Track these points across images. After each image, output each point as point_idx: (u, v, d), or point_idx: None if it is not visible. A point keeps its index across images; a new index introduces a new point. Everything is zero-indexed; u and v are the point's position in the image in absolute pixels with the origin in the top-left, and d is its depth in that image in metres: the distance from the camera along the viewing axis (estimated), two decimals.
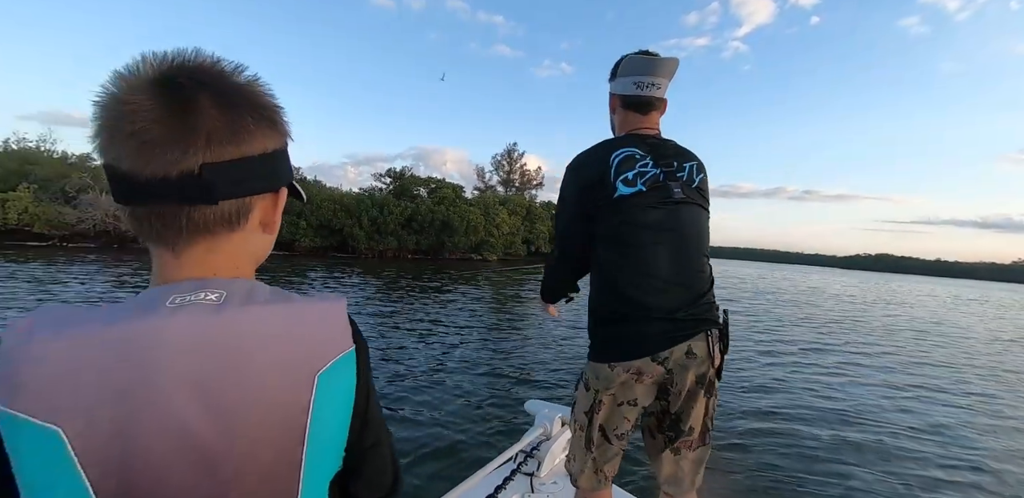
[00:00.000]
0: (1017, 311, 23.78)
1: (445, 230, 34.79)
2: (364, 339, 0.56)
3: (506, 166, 56.16)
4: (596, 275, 1.40)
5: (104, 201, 29.07)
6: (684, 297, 1.28)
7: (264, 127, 0.54)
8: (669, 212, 1.31)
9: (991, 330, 14.26)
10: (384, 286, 14.61)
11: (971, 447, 4.46)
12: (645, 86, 1.39)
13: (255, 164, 0.53)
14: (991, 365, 8.42)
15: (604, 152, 1.34)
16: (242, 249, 0.59)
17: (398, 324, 8.16)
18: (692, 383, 1.30)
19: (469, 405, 4.80)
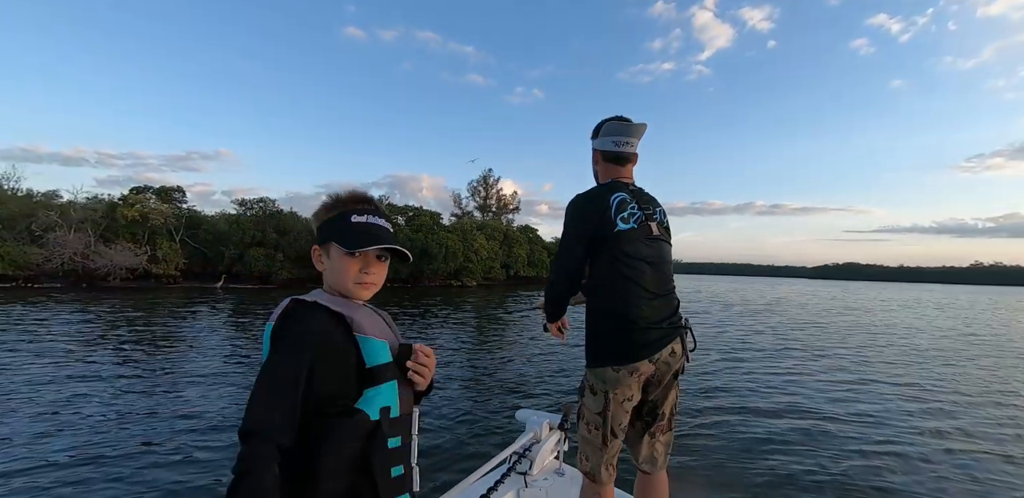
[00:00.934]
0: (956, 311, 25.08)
1: (424, 257, 35.02)
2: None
3: (482, 192, 56.97)
4: (597, 295, 1.70)
5: (73, 239, 28.60)
6: (666, 310, 1.66)
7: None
8: (651, 246, 1.68)
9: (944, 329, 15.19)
10: None
11: (894, 426, 5.14)
12: (622, 144, 1.79)
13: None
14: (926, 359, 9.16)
15: (605, 194, 1.71)
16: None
17: None
18: (669, 378, 1.68)
19: (462, 417, 5.23)
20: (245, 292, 26.33)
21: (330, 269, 1.04)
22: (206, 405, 5.22)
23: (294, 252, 33.04)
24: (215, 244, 32.62)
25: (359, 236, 1.01)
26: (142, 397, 5.48)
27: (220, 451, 4.03)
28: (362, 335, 0.96)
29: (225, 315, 14.14)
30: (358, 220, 1.03)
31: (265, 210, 35.32)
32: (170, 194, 34.10)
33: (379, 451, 0.93)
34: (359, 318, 0.97)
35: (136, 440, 4.22)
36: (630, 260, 1.64)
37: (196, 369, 6.82)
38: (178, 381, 6.22)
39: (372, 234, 1.02)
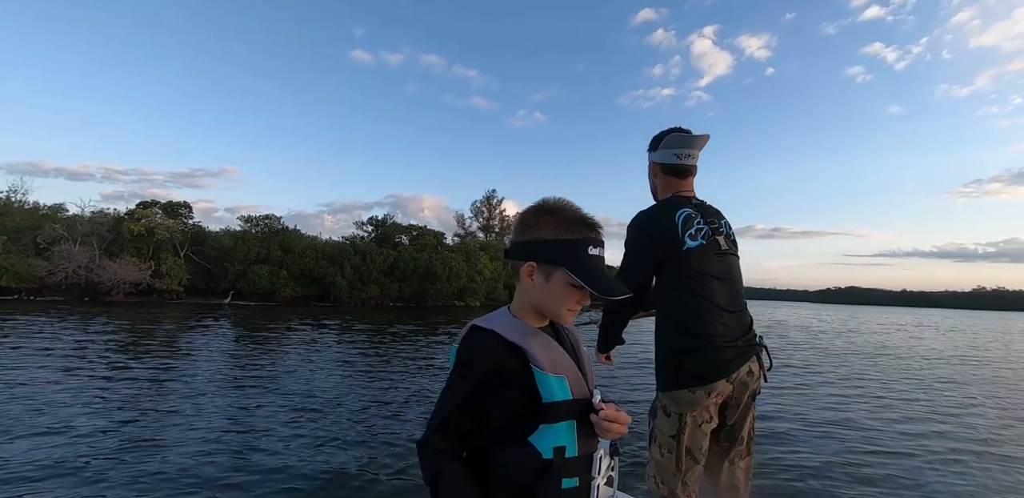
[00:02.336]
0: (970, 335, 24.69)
1: (428, 277, 34.93)
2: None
3: (485, 212, 57.23)
4: (669, 315, 1.63)
5: (78, 253, 28.63)
6: (740, 327, 1.60)
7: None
8: (721, 261, 1.63)
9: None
10: (371, 334, 14.67)
11: (874, 439, 4.94)
12: (683, 156, 1.71)
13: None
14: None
15: (670, 211, 1.65)
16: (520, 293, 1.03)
17: (392, 370, 8.33)
18: (747, 398, 1.58)
19: None
20: (250, 309, 26.14)
21: (544, 291, 0.96)
22: (204, 427, 5.06)
23: (298, 269, 33.00)
24: (220, 260, 32.61)
25: (596, 273, 0.94)
26: (141, 420, 5.33)
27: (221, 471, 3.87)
28: (537, 369, 0.90)
29: (234, 332, 13.99)
30: (594, 253, 0.95)
31: (270, 227, 35.42)
32: (177, 210, 34.28)
33: (550, 491, 0.89)
34: (535, 350, 0.92)
35: (125, 471, 4.05)
36: (701, 277, 1.58)
37: (197, 390, 6.68)
38: (179, 403, 6.07)
39: (603, 272, 0.97)
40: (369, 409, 6.23)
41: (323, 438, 5.00)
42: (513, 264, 1.00)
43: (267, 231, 34.99)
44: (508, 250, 1.02)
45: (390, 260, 34.48)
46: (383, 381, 7.99)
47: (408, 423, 5.64)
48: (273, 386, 7.31)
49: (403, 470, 4.24)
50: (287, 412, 5.93)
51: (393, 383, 7.85)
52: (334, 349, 11.63)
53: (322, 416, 5.80)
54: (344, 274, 33.00)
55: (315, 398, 6.63)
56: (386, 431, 5.33)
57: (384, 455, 4.59)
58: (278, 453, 4.52)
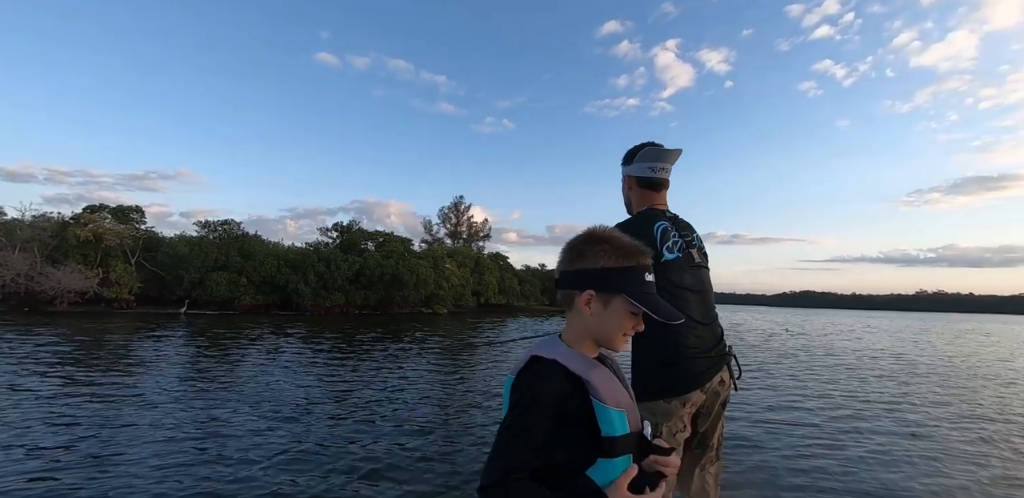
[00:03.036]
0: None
1: (394, 284, 34.44)
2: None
3: (453, 218, 56.97)
4: (644, 327, 1.72)
5: (17, 260, 26.89)
6: (712, 339, 1.64)
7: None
8: (694, 274, 1.67)
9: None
10: (337, 343, 14.27)
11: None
12: (658, 170, 1.76)
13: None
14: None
15: (648, 224, 1.68)
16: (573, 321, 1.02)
17: (361, 381, 8.11)
18: (718, 407, 1.63)
19: (463, 457, 4.99)
20: (207, 318, 25.07)
21: (602, 319, 0.96)
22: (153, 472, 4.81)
23: (259, 277, 31.94)
24: (174, 267, 31.24)
25: (654, 298, 0.97)
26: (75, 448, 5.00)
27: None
28: (599, 402, 0.90)
29: (191, 343, 13.35)
30: (649, 279, 0.97)
31: (229, 232, 34.19)
32: (127, 214, 32.71)
33: None
34: (598, 383, 0.91)
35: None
36: (676, 290, 1.61)
37: (154, 402, 6.33)
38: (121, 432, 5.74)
39: (658, 296, 0.99)
40: (337, 421, 6.05)
41: (287, 452, 4.81)
42: (566, 293, 0.99)
43: (226, 237, 33.75)
44: (559, 280, 1.02)
45: (355, 267, 33.83)
46: (350, 391, 7.78)
47: (382, 438, 5.49)
48: (235, 398, 7.00)
49: (375, 483, 4.13)
50: (251, 424, 5.69)
51: (361, 393, 7.65)
52: (298, 359, 11.26)
53: (287, 428, 5.59)
54: (308, 281, 32.16)
55: (279, 410, 6.39)
56: (356, 445, 5.18)
57: (353, 471, 4.45)
58: (240, 469, 4.32)
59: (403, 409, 7.02)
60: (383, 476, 4.44)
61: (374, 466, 4.63)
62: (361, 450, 5.11)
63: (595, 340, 0.99)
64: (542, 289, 51.65)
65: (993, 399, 8.52)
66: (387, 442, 5.44)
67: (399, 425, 6.13)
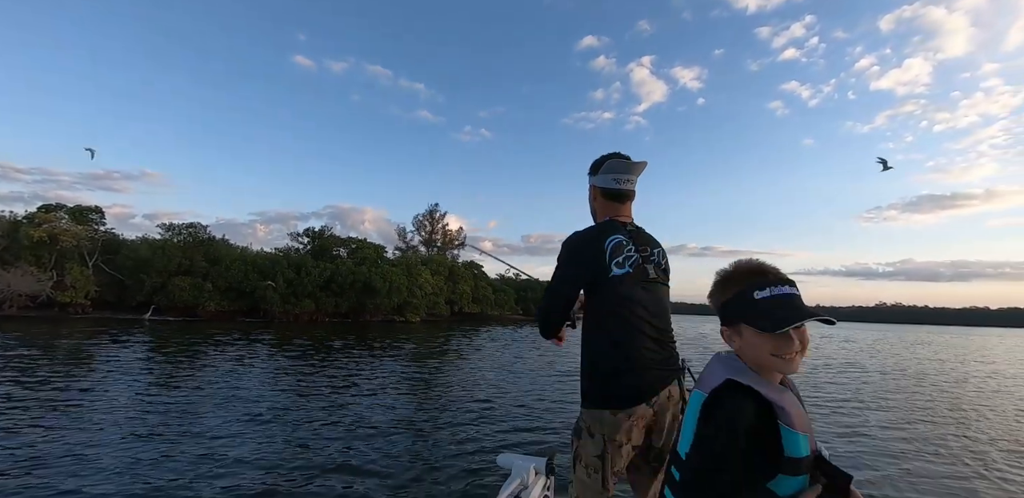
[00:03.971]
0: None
1: (366, 291, 33.87)
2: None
3: (428, 226, 56.47)
4: (595, 336, 1.67)
5: None
6: (662, 352, 1.63)
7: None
8: (648, 289, 1.65)
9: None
10: (306, 352, 13.85)
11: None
12: (622, 181, 1.76)
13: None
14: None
15: (599, 237, 1.67)
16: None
17: (331, 391, 7.87)
18: (671, 421, 1.62)
19: (438, 465, 4.93)
20: (170, 325, 24.12)
21: (747, 348, 1.01)
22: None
23: (225, 283, 30.97)
24: (135, 271, 30.05)
25: (769, 312, 0.97)
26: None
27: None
28: (787, 427, 0.95)
29: (153, 350, 12.74)
30: (760, 296, 0.98)
31: (195, 236, 33.08)
32: (86, 215, 31.36)
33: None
34: (787, 407, 0.96)
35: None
36: (625, 303, 1.61)
37: (113, 412, 5.99)
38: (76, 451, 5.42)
39: (779, 306, 0.97)
40: (302, 430, 5.84)
41: (249, 466, 4.61)
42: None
43: (191, 240, 32.64)
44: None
45: (327, 273, 33.17)
46: (317, 400, 7.54)
47: (347, 447, 5.32)
48: (199, 407, 6.70)
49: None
50: (214, 435, 5.44)
51: (331, 404, 7.43)
52: (265, 368, 10.90)
53: (252, 439, 5.36)
54: (276, 288, 31.34)
55: (247, 419, 6.14)
56: (321, 455, 5.00)
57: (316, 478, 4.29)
58: (197, 487, 4.11)
59: (371, 419, 6.84)
60: (345, 483, 4.29)
61: (336, 475, 4.48)
62: (325, 459, 4.94)
63: (761, 366, 1.01)
64: (516, 298, 51.60)
65: (934, 404, 8.84)
66: (354, 452, 5.28)
67: (366, 435, 5.97)
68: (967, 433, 7.07)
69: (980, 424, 7.79)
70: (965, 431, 7.20)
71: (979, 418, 8.26)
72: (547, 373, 12.87)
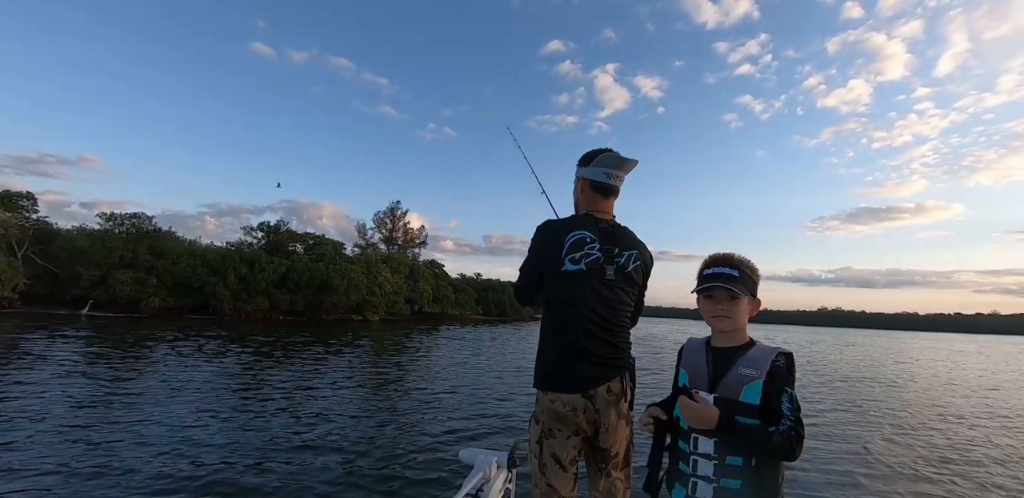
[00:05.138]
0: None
1: (324, 289, 32.93)
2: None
3: (388, 224, 55.45)
4: (543, 323, 1.76)
5: None
6: (606, 348, 1.66)
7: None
8: (599, 289, 1.66)
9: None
10: (260, 350, 13.27)
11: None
12: (612, 177, 1.79)
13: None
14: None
15: (564, 230, 1.71)
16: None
17: (286, 390, 7.53)
18: (615, 418, 1.64)
19: (402, 461, 4.84)
20: (109, 321, 22.64)
21: (700, 310, 1.46)
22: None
23: (171, 277, 29.40)
24: (70, 263, 28.09)
25: (702, 282, 1.41)
26: None
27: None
28: (681, 366, 1.48)
29: (88, 348, 11.86)
30: (707, 272, 1.42)
31: (138, 227, 31.25)
32: (15, 201, 29.03)
33: (674, 444, 1.42)
34: (688, 353, 1.48)
35: None
36: (572, 300, 1.65)
37: (42, 414, 5.52)
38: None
39: (710, 279, 1.39)
40: (261, 432, 5.56)
41: (196, 468, 4.33)
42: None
43: (134, 232, 30.82)
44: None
45: (282, 270, 32.04)
46: (274, 400, 7.22)
47: (299, 453, 5.08)
48: (145, 406, 6.27)
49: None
50: (153, 442, 5.10)
51: (287, 403, 7.12)
52: (215, 367, 10.36)
53: (199, 442, 5.05)
54: (227, 284, 30.01)
55: (195, 421, 5.79)
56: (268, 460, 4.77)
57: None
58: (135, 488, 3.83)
59: (328, 418, 6.60)
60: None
61: (293, 474, 4.28)
62: (280, 460, 4.72)
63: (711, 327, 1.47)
64: (476, 298, 51.39)
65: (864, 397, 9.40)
66: (312, 451, 5.07)
67: (323, 434, 5.75)
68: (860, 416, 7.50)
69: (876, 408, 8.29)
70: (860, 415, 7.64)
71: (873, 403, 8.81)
72: (507, 369, 12.85)
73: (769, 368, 1.26)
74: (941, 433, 7.47)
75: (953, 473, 5.46)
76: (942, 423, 8.29)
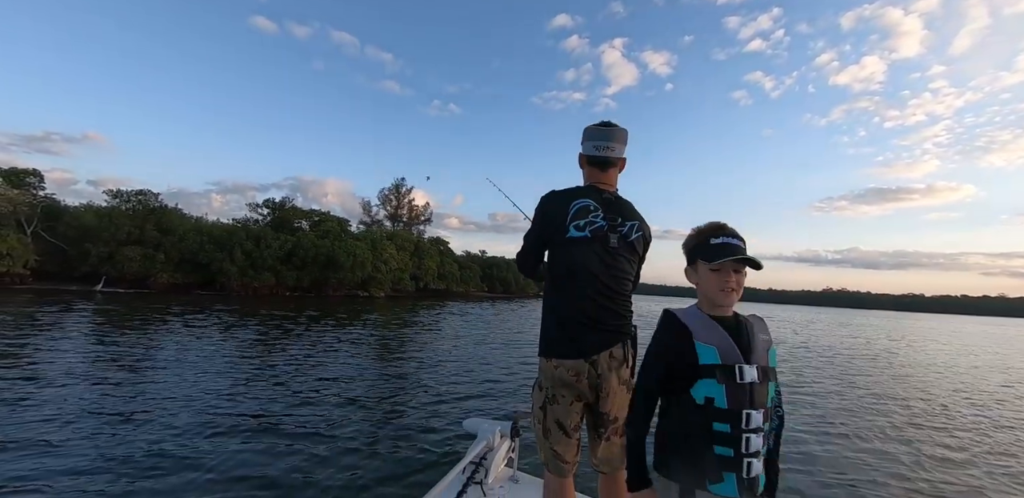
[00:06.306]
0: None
1: (330, 265, 33.15)
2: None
3: (393, 201, 55.37)
4: (547, 293, 1.78)
5: None
6: (609, 315, 1.68)
7: None
8: (603, 256, 1.69)
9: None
10: (268, 325, 13.50)
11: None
12: (602, 149, 1.80)
13: None
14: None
15: (567, 199, 1.74)
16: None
17: (296, 363, 7.70)
18: (616, 384, 1.67)
19: (410, 431, 4.99)
20: (120, 297, 22.98)
21: (701, 281, 1.37)
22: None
23: (178, 254, 29.66)
24: (79, 240, 28.36)
25: (717, 252, 1.31)
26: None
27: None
28: (700, 342, 1.27)
29: (103, 325, 12.13)
30: (716, 242, 1.33)
31: (145, 204, 31.38)
32: (22, 178, 29.15)
33: (690, 430, 1.26)
34: (697, 328, 1.30)
35: None
36: (577, 266, 1.68)
37: (60, 393, 5.70)
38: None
39: (725, 250, 1.30)
40: (273, 403, 5.71)
41: (211, 442, 4.47)
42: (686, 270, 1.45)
43: (140, 208, 30.95)
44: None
45: (288, 246, 32.22)
46: (284, 374, 7.38)
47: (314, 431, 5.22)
48: (164, 381, 6.44)
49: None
50: (175, 406, 5.25)
51: (297, 376, 7.28)
52: (226, 341, 10.56)
53: (215, 415, 5.20)
54: (234, 260, 30.26)
55: (211, 393, 5.95)
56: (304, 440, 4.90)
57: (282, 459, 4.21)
58: (157, 462, 3.96)
59: (337, 388, 6.75)
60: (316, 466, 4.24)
61: (304, 443, 4.41)
62: (293, 429, 4.85)
63: (708, 299, 1.36)
64: (481, 275, 51.63)
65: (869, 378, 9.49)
66: (321, 420, 5.21)
67: (333, 404, 5.88)
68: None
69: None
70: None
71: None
72: (511, 342, 13.00)
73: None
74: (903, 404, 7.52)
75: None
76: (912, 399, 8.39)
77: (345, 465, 4.11)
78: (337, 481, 3.79)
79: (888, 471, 4.63)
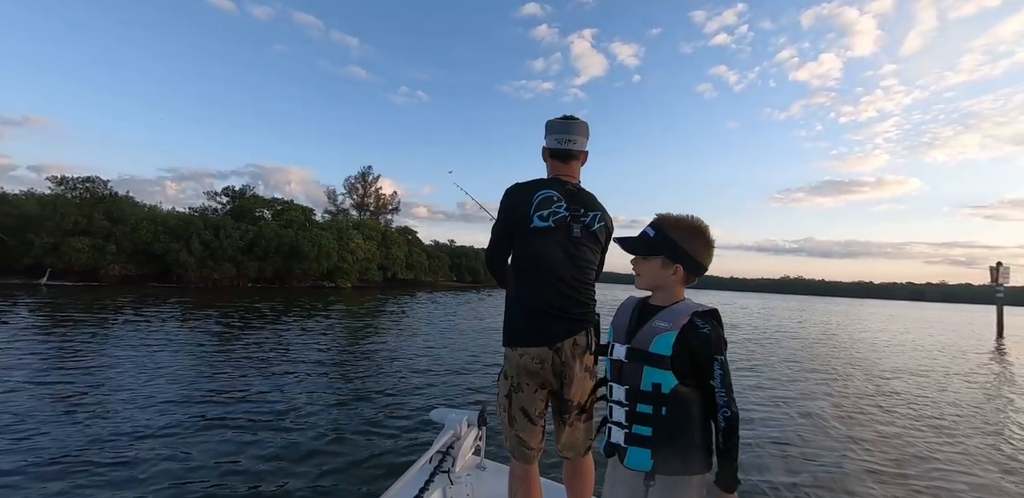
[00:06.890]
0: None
1: (293, 256, 32.32)
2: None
3: (360, 189, 54.20)
4: (514, 279, 1.80)
5: None
6: (572, 303, 1.72)
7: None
8: (566, 246, 1.73)
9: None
10: (229, 318, 13.10)
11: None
12: (563, 141, 1.85)
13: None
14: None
15: (531, 190, 1.77)
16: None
17: (257, 356, 7.50)
18: (580, 371, 1.70)
19: (376, 422, 4.94)
20: (67, 290, 21.82)
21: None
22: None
23: (131, 244, 28.33)
24: (20, 231, 26.68)
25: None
26: None
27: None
28: (610, 325, 1.48)
29: (46, 320, 11.49)
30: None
31: (93, 192, 29.75)
32: None
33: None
34: (619, 308, 1.50)
35: None
36: (539, 256, 1.71)
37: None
38: None
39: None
40: (233, 398, 5.55)
41: (166, 439, 4.32)
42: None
43: (88, 196, 29.34)
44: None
45: (249, 236, 31.23)
46: (245, 367, 7.18)
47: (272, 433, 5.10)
48: (115, 376, 6.17)
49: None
50: (128, 402, 5.04)
51: (258, 369, 7.09)
52: (183, 334, 10.19)
53: (171, 411, 5.02)
54: (192, 250, 29.13)
55: (166, 387, 5.73)
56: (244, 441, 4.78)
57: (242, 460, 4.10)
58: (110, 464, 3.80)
59: (301, 381, 6.61)
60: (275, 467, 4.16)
61: (268, 437, 4.31)
62: (254, 424, 4.74)
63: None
64: (450, 265, 51.36)
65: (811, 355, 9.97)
66: (285, 414, 5.10)
67: (296, 396, 5.77)
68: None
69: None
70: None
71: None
72: (477, 332, 13.03)
73: (685, 322, 1.28)
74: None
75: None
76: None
77: (311, 457, 4.04)
78: (303, 472, 3.73)
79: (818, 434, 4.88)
